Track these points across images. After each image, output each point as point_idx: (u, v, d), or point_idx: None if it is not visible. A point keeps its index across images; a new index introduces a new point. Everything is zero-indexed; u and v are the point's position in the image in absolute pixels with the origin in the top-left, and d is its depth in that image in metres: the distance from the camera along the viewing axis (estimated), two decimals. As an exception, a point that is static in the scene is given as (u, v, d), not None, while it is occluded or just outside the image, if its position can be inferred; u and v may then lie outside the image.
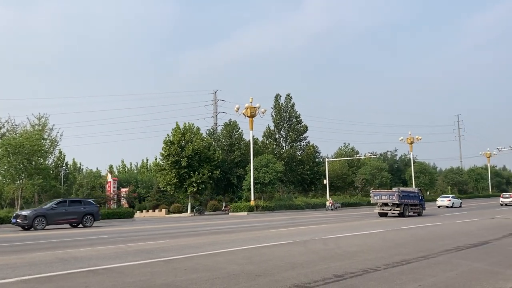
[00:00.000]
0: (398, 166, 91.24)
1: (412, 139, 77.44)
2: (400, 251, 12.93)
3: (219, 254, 12.65)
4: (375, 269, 9.73)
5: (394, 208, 32.52)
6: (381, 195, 33.59)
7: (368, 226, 23.55)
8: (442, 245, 14.10)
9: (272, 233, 19.78)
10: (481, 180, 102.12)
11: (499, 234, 17.69)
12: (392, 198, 32.47)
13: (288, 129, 63.82)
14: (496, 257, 11.58)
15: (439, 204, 52.66)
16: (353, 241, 15.81)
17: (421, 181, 78.82)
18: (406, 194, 33.74)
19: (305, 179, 63.30)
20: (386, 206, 33.10)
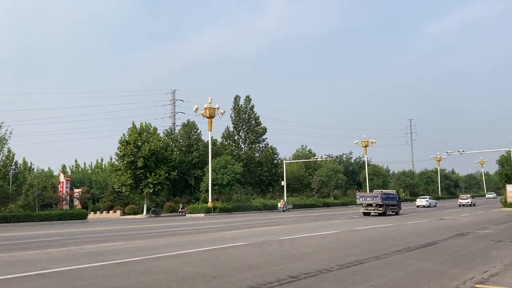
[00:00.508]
0: (353, 169, 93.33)
1: (367, 142, 79.46)
2: (353, 251, 13.24)
3: (175, 256, 12.52)
4: (329, 270, 9.92)
5: (377, 208, 36.53)
6: (366, 197, 37.98)
7: (323, 227, 23.96)
8: (393, 246, 14.56)
9: (229, 235, 19.76)
10: (431, 182, 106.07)
11: (446, 235, 18.45)
12: (376, 199, 36.82)
13: (247, 130, 63.96)
14: (443, 257, 12.07)
15: (418, 204, 58.98)
16: (308, 242, 16.04)
17: (374, 183, 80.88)
18: (387, 196, 38.16)
19: (263, 180, 63.63)
20: (370, 206, 37.18)
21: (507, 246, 14.50)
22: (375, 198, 37.03)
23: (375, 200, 37.00)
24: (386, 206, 37.21)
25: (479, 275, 9.25)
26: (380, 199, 36.61)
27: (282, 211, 51.17)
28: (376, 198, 36.91)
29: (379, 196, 36.91)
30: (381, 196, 37.00)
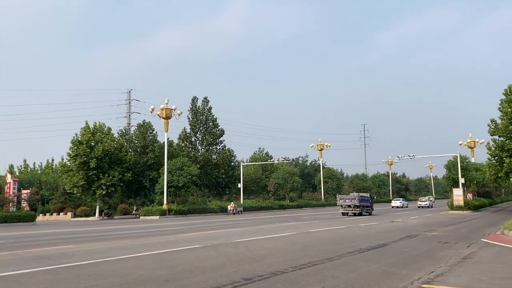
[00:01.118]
0: (309, 171, 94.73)
1: (322, 146, 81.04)
2: (307, 253, 13.43)
3: (127, 260, 12.26)
4: (283, 272, 10.02)
5: (355, 209, 41.14)
6: (345, 199, 42.53)
7: (279, 229, 24.15)
8: (345, 247, 14.88)
9: (184, 237, 19.57)
10: (383, 186, 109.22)
11: (396, 236, 19.06)
12: (353, 201, 41.37)
13: (204, 132, 63.54)
14: (392, 258, 12.47)
15: (393, 205, 66.66)
16: (263, 244, 16.13)
17: (329, 186, 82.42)
18: (363, 198, 42.61)
19: (220, 182, 63.39)
20: (348, 208, 41.76)
21: (452, 247, 15.14)
22: (353, 200, 41.45)
23: (353, 202, 41.41)
24: (362, 207, 41.46)
25: (425, 275, 9.61)
26: (357, 201, 41.06)
27: (232, 214, 50.45)
28: (354, 200, 41.35)
29: (356, 199, 41.41)
30: (358, 198, 41.50)
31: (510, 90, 44.14)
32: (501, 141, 44.22)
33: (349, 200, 42.05)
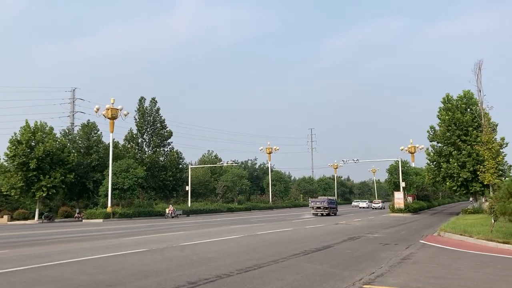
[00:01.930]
0: (257, 174, 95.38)
1: (271, 149, 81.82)
2: (253, 256, 13.50)
3: (68, 264, 11.81)
4: (229, 275, 10.01)
5: (324, 210, 46.72)
6: (316, 202, 48.48)
7: (226, 232, 24.13)
8: (291, 250, 15.10)
9: (128, 241, 19.11)
10: (328, 189, 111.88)
11: (340, 238, 19.58)
12: (323, 203, 47.29)
13: (151, 133, 62.30)
14: (336, 259, 12.79)
15: (360, 206, 74.55)
16: (210, 247, 16.05)
17: (277, 189, 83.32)
18: (331, 201, 48.82)
19: (167, 185, 62.38)
20: (318, 209, 47.24)
21: (393, 248, 15.75)
22: (323, 203, 47.43)
23: (322, 204, 47.29)
24: (330, 208, 47.26)
25: (367, 276, 9.93)
26: (326, 203, 47.15)
27: (171, 217, 48.03)
28: (324, 203, 47.37)
29: (326, 201, 47.58)
30: (327, 201, 47.71)
31: (448, 98, 46.60)
32: (439, 147, 46.60)
33: (320, 202, 47.81)
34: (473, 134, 42.84)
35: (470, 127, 43.54)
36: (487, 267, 11.30)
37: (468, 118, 43.71)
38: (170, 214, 48.80)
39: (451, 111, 44.83)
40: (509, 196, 16.79)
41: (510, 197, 16.65)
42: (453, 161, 43.62)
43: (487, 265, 11.63)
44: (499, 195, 17.78)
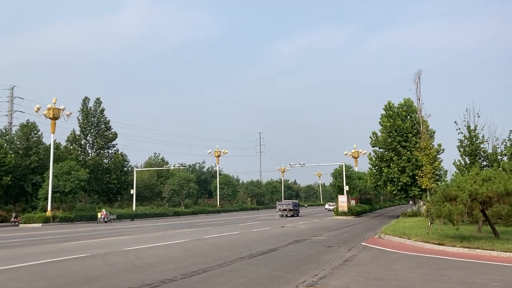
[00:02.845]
0: (205, 178, 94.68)
1: (219, 152, 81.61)
2: (199, 260, 13.42)
3: (1, 272, 11.21)
4: (173, 279, 9.90)
5: (289, 212, 53.59)
6: (283, 204, 55.87)
7: (172, 236, 23.79)
8: (237, 253, 15.14)
9: (69, 246, 18.41)
10: (276, 192, 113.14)
11: (286, 241, 19.86)
12: (289, 206, 54.59)
13: (95, 135, 60.29)
14: (280, 262, 12.97)
15: (327, 208, 74.88)
16: (155, 252, 15.78)
17: (225, 192, 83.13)
18: (295, 204, 56.92)
19: (111, 188, 60.57)
20: (284, 211, 54.11)
21: (335, 251, 16.18)
22: (288, 205, 54.88)
23: (288, 207, 54.48)
24: (294, 210, 54.36)
25: (310, 279, 10.15)
26: (291, 206, 54.60)
27: (104, 222, 45.64)
28: (289, 205, 54.83)
29: (291, 204, 55.40)
30: (292, 204, 55.71)
31: (389, 106, 48.56)
32: (381, 152, 48.42)
33: (285, 205, 55.26)
34: (413, 141, 44.86)
35: (409, 134, 45.58)
36: (423, 267, 11.87)
37: (408, 125, 45.74)
38: (102, 219, 46.04)
39: (392, 118, 46.74)
40: (444, 200, 17.69)
41: (445, 201, 17.55)
42: (394, 166, 45.46)
43: (422, 265, 12.22)
44: (435, 199, 18.70)
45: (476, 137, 31.41)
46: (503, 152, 29.70)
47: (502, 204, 17.01)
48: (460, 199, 16.77)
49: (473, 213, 18.74)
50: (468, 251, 14.97)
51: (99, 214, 47.08)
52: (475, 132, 31.50)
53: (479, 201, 17.04)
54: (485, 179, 17.24)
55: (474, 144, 31.15)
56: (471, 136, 31.43)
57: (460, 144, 31.82)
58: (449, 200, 17.40)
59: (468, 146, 31.17)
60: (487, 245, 15.01)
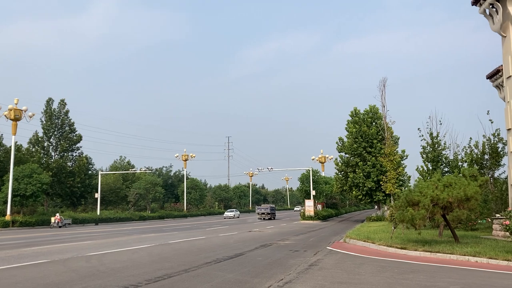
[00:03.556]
0: (172, 182, 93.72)
1: (187, 156, 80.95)
2: (164, 265, 13.25)
3: (-45, 279, 10.73)
4: (137, 285, 9.74)
5: (267, 215, 59.77)
6: (261, 209, 62.56)
7: (137, 241, 23.40)
8: (203, 258, 15.04)
9: (29, 252, 17.81)
10: (243, 196, 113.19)
11: (252, 246, 19.87)
12: (267, 210, 61.02)
13: (59, 137, 58.75)
14: (247, 267, 12.96)
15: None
16: (119, 257, 15.49)
17: (192, 197, 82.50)
18: (272, 208, 62.82)
19: (75, 192, 59.12)
20: (263, 214, 60.30)
21: (302, 255, 16.30)
22: (267, 209, 61.20)
23: (266, 210, 60.93)
24: (271, 214, 60.18)
25: (275, 283, 10.19)
26: (269, 210, 60.91)
27: (58, 227, 43.65)
28: (267, 209, 61.14)
29: (268, 208, 61.52)
30: (270, 208, 61.79)
31: (356, 112, 49.45)
32: (347, 158, 49.22)
33: (264, 209, 61.79)
34: (378, 147, 45.82)
35: (375, 140, 46.53)
36: (386, 271, 12.12)
37: (373, 131, 46.71)
38: (56, 224, 44.11)
39: (358, 124, 47.62)
40: (407, 205, 18.13)
41: (408, 206, 17.99)
42: (359, 171, 46.28)
43: (385, 269, 12.47)
44: (398, 204, 19.15)
45: (438, 143, 32.37)
46: (463, 158, 30.67)
47: (462, 209, 17.58)
48: (422, 204, 17.23)
49: (435, 218, 19.28)
50: (429, 255, 15.38)
51: (53, 219, 45.12)
52: (437, 139, 32.47)
53: (440, 206, 17.55)
54: (446, 185, 17.78)
55: (436, 151, 32.09)
56: (434, 142, 32.37)
57: (423, 150, 32.72)
58: (412, 205, 17.84)
59: (431, 153, 32.08)
60: (447, 249, 15.46)
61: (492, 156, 28.43)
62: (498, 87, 27.07)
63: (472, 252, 14.61)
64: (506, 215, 14.54)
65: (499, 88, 26.98)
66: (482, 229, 25.35)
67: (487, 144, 28.82)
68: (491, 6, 21.63)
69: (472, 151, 29.58)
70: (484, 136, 29.23)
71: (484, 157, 28.92)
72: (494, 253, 14.20)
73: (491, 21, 22.09)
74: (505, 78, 21.77)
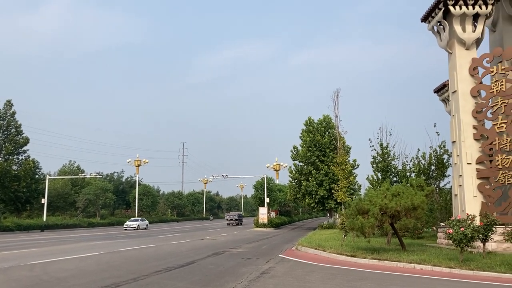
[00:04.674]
0: (124, 188, 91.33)
1: (140, 162, 79.20)
2: (112, 274, 12.88)
3: None
4: (83, 295, 9.40)
5: (235, 221, 66.26)
6: (230, 215, 69.55)
7: (85, 248, 22.63)
8: (154, 266, 14.74)
9: (-34, 260, 16.80)
10: (197, 203, 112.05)
11: (204, 254, 19.68)
12: (235, 217, 67.82)
13: (4, 139, 55.91)
14: (198, 275, 12.81)
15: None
16: (65, 266, 14.91)
17: (144, 203, 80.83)
18: (239, 215, 70.46)
19: (20, 197, 56.37)
20: (232, 220, 66.76)
21: (254, 263, 16.31)
22: (235, 216, 68.07)
23: (234, 217, 67.48)
24: (239, 220, 67.28)
25: (226, 291, 10.12)
26: (237, 217, 67.88)
27: None
28: (235, 216, 68.05)
29: (236, 215, 68.76)
30: (237, 215, 69.07)
31: (310, 121, 50.34)
32: (301, 166, 49.94)
33: (232, 216, 68.53)
34: (330, 156, 46.78)
35: (327, 149, 47.51)
36: (335, 279, 12.33)
37: (327, 141, 47.68)
38: None
39: (312, 133, 48.50)
40: (357, 213, 18.60)
41: (358, 214, 18.45)
42: (312, 179, 47.05)
43: (335, 277, 12.69)
44: (349, 212, 19.61)
45: (388, 154, 33.47)
46: (411, 169, 31.86)
47: (409, 218, 18.22)
48: (372, 213, 17.71)
49: (384, 226, 19.87)
50: (378, 262, 15.79)
51: None
52: (387, 149, 33.58)
53: (389, 214, 18.11)
54: (394, 194, 18.38)
55: (386, 161, 33.16)
56: (384, 153, 33.44)
57: (373, 160, 33.72)
58: (362, 213, 18.31)
59: (380, 163, 33.12)
60: (394, 257, 15.94)
61: (438, 167, 29.72)
62: (445, 101, 28.41)
63: (417, 259, 15.14)
64: (450, 224, 15.17)
65: (445, 102, 28.32)
66: (428, 237, 26.38)
67: (433, 156, 30.11)
68: (439, 23, 22.72)
69: (420, 162, 30.80)
70: (431, 148, 30.56)
71: (430, 168, 30.19)
72: (438, 260, 14.78)
73: (439, 38, 23.19)
74: (451, 93, 22.86)
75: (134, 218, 58.65)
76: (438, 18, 22.36)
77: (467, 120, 21.35)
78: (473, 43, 22.00)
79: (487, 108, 21.12)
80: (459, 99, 21.56)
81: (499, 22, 24.25)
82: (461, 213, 19.69)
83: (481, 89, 21.45)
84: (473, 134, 21.20)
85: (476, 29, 21.87)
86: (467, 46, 21.86)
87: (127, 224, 54.07)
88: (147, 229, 54.27)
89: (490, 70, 21.11)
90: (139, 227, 53.66)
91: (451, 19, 21.85)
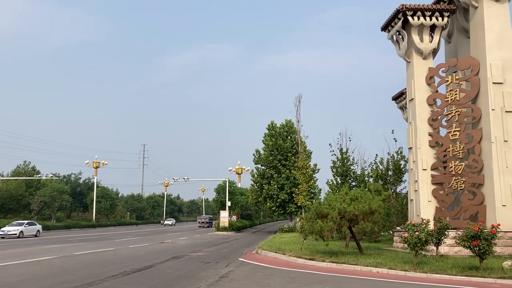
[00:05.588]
0: (81, 190, 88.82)
1: (98, 163, 77.39)
2: (66, 278, 12.47)
3: None
4: (33, 301, 9.04)
5: (206, 224, 69.91)
6: (202, 218, 74.45)
7: (37, 252, 21.82)
8: (110, 270, 14.38)
9: None
10: (157, 207, 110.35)
11: (163, 258, 19.38)
12: (206, 219, 72.54)
13: (-48, 138, 53.57)
14: (156, 280, 12.59)
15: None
16: (15, 270, 14.33)
17: (102, 206, 78.91)
18: (210, 218, 74.80)
19: (-31, 198, 54.00)
20: (203, 223, 70.95)
21: (213, 267, 16.20)
22: (206, 219, 72.80)
23: (205, 220, 72.24)
24: (209, 223, 70.61)
25: (184, 296, 9.99)
26: (208, 220, 72.52)
27: None
28: (206, 219, 72.69)
29: (207, 218, 73.56)
30: (208, 218, 73.99)
31: (272, 126, 50.69)
32: (263, 170, 50.15)
33: (204, 219, 73.72)
34: (292, 160, 47.24)
35: (289, 153, 47.96)
36: (294, 282, 12.41)
37: (288, 145, 48.14)
38: None
39: (274, 137, 48.84)
40: (316, 217, 18.81)
41: (317, 218, 18.67)
42: (274, 183, 47.35)
43: (294, 280, 12.77)
44: (309, 216, 19.82)
45: (347, 159, 34.11)
46: (369, 174, 32.59)
47: (367, 222, 18.62)
48: (331, 217, 17.97)
49: (342, 229, 20.19)
50: (336, 265, 16.02)
51: None
52: (347, 155, 34.22)
53: (347, 218, 18.43)
54: (353, 198, 18.73)
55: (345, 166, 33.79)
56: (343, 158, 34.06)
57: (333, 165, 34.28)
58: (321, 217, 18.55)
59: (340, 167, 33.71)
60: (352, 260, 16.22)
61: (395, 173, 30.54)
62: (402, 108, 29.25)
63: (374, 263, 15.46)
64: (405, 228, 15.60)
65: (402, 110, 29.16)
66: (385, 241, 27.03)
67: (391, 161, 30.91)
68: (398, 33, 23.40)
69: (378, 167, 31.54)
70: (388, 154, 31.36)
71: (388, 173, 30.97)
72: (394, 263, 15.15)
73: (398, 47, 23.87)
74: (408, 101, 23.56)
75: (18, 222, 43.14)
76: (397, 27, 23.01)
77: (423, 127, 22.04)
78: (430, 53, 22.77)
79: (442, 116, 21.88)
80: (416, 107, 22.24)
81: (454, 33, 25.21)
82: (416, 218, 20.26)
83: (437, 97, 22.22)
84: (428, 141, 21.90)
85: (433, 40, 22.65)
86: (424, 56, 22.60)
87: (4, 230, 39.70)
88: (38, 236, 41.56)
89: (445, 80, 21.89)
90: (23, 234, 39.96)
91: (410, 29, 22.55)
